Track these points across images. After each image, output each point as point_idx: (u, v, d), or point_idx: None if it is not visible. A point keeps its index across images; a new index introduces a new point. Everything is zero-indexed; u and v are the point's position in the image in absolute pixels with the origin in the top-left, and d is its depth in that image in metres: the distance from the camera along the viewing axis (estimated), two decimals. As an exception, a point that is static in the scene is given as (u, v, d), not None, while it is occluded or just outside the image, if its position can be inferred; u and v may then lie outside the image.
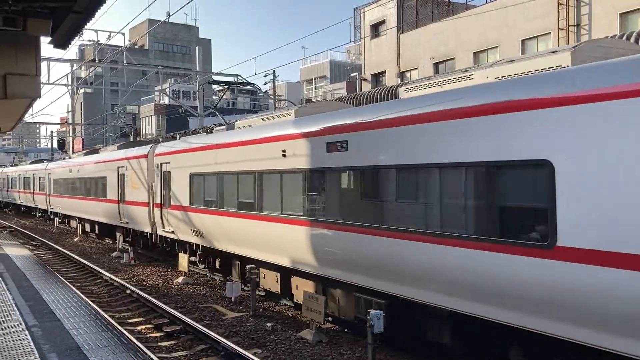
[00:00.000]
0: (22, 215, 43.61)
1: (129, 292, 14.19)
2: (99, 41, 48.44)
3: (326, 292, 10.52)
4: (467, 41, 27.40)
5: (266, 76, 39.15)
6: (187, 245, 16.33)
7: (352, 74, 42.11)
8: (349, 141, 9.20)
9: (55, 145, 57.55)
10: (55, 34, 8.61)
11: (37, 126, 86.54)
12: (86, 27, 9.12)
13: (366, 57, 35.01)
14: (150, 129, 57.20)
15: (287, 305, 12.88)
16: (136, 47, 71.33)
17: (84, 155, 29.26)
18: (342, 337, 10.32)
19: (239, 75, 30.97)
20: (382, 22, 33.74)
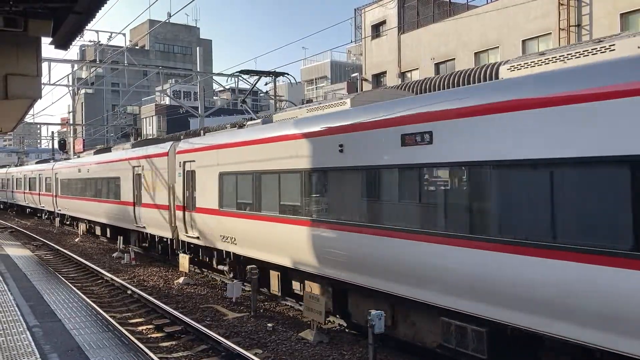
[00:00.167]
0: (23, 215, 43.57)
1: (129, 292, 14.19)
2: (99, 42, 48.47)
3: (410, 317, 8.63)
4: (468, 41, 27.40)
5: (266, 77, 39.02)
6: (215, 252, 14.88)
7: (353, 75, 42.10)
8: (434, 132, 7.65)
9: (56, 145, 57.64)
10: (56, 35, 8.64)
11: (38, 127, 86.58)
12: (87, 27, 9.14)
13: (367, 57, 35.00)
14: (151, 129, 57.24)
15: (288, 305, 12.89)
16: (137, 47, 71.39)
17: (94, 154, 27.51)
18: (343, 338, 10.33)
19: (240, 75, 30.90)
20: (383, 22, 33.74)
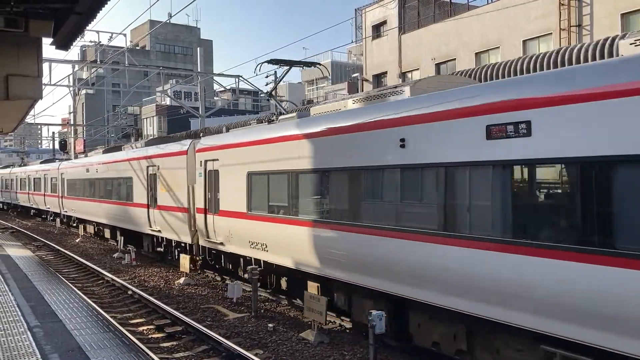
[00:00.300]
0: (23, 216, 43.59)
1: (130, 292, 14.20)
2: (100, 42, 48.47)
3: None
4: (469, 42, 27.41)
5: (267, 77, 39.06)
6: (241, 259, 13.79)
7: (354, 75, 42.11)
8: (532, 122, 6.46)
9: (57, 146, 57.69)
10: (56, 35, 8.65)
11: (39, 127, 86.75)
12: (88, 28, 9.14)
13: (367, 57, 35.01)
14: (151, 129, 57.26)
15: (289, 306, 12.88)
16: (138, 48, 71.39)
17: (102, 153, 26.07)
18: (343, 338, 10.32)
19: (241, 76, 31.01)
20: (384, 22, 33.74)
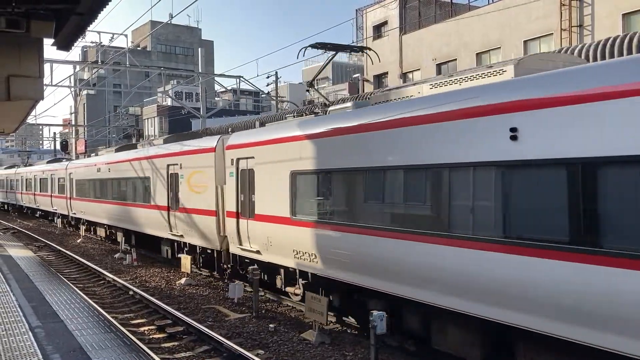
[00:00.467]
0: (25, 216, 43.61)
1: (131, 293, 14.20)
2: (101, 43, 48.49)
3: None
4: (470, 42, 27.41)
5: (268, 77, 39.14)
6: (281, 270, 12.25)
7: (355, 75, 42.15)
8: None
9: (58, 146, 57.77)
10: (58, 36, 8.67)
11: (40, 128, 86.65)
12: (89, 28, 9.15)
13: (368, 58, 35.00)
14: (152, 130, 57.31)
15: (290, 306, 12.89)
16: (139, 48, 71.48)
17: (115, 151, 24.50)
18: (345, 338, 10.32)
19: (242, 77, 31.02)
20: (385, 23, 33.76)
